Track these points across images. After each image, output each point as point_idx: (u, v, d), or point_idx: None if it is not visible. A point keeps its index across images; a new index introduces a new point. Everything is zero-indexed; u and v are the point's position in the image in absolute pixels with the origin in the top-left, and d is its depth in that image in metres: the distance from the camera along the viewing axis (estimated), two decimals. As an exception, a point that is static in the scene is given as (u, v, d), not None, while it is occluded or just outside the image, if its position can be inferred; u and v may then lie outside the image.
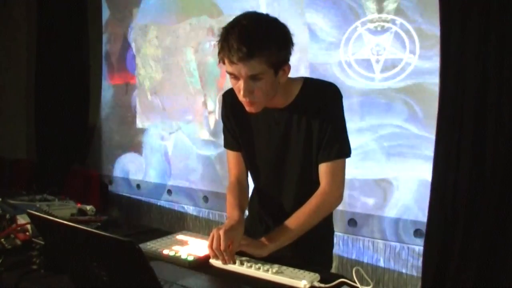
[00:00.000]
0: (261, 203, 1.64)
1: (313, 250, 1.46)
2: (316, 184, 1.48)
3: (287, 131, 1.44)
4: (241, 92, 1.29)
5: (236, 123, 1.52)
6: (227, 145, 1.58)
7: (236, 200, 1.48)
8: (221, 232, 1.27)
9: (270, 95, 1.33)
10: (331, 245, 1.64)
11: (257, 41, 1.22)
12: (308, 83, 1.45)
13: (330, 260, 1.64)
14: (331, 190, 1.43)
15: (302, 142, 1.43)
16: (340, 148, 1.42)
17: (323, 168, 1.43)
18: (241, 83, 1.28)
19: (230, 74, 1.29)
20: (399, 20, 2.47)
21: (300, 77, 1.48)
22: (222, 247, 1.26)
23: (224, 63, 1.28)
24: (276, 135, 1.46)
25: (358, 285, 1.16)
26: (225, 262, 1.27)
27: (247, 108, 1.35)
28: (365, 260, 2.62)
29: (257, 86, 1.28)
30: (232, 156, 1.58)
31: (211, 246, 1.28)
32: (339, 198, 1.47)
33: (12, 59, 4.34)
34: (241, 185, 1.56)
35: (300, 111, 1.42)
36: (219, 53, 1.27)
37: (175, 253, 1.37)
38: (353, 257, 2.66)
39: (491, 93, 2.08)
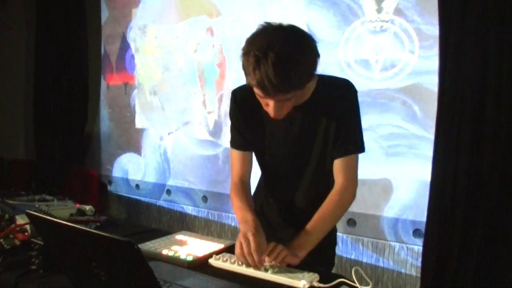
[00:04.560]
0: (268, 200, 1.63)
1: (317, 248, 1.46)
2: (330, 181, 1.48)
3: (303, 128, 1.44)
4: (270, 110, 1.29)
5: (246, 121, 1.50)
6: (234, 144, 1.55)
7: (245, 202, 1.47)
8: (250, 236, 1.26)
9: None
10: (334, 242, 1.64)
11: (295, 79, 1.18)
12: (322, 80, 1.44)
13: (332, 258, 1.64)
14: (347, 186, 1.45)
15: (318, 139, 1.44)
16: (355, 144, 1.44)
17: (338, 164, 1.44)
18: (270, 102, 1.27)
19: (258, 93, 1.26)
20: (398, 20, 2.47)
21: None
22: (253, 250, 1.24)
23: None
24: (291, 133, 1.45)
25: (357, 285, 1.16)
26: (257, 267, 1.25)
27: (274, 118, 1.32)
28: (364, 260, 2.62)
29: (287, 103, 1.29)
30: (237, 155, 1.55)
31: (242, 253, 1.26)
32: (354, 193, 1.48)
33: (10, 59, 4.33)
34: (246, 186, 1.55)
35: (316, 108, 1.41)
36: (246, 75, 1.22)
37: (174, 253, 1.37)
38: (352, 257, 2.66)
39: (490, 93, 2.08)
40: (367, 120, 2.56)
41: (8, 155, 4.23)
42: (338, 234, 2.66)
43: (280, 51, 1.16)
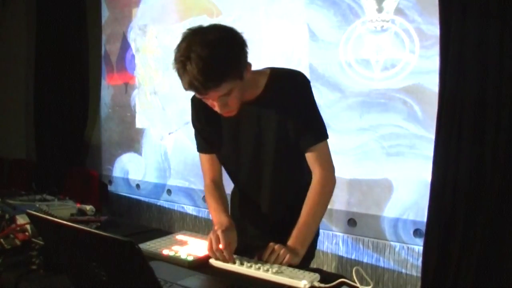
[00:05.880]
0: (241, 200, 1.66)
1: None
2: (294, 174, 1.50)
3: (259, 122, 1.46)
4: (217, 108, 1.33)
5: (207, 124, 1.54)
6: (200, 149, 1.60)
7: (218, 204, 1.51)
8: (219, 233, 1.32)
9: (242, 95, 1.37)
10: (315, 237, 1.63)
11: (219, 70, 1.23)
12: (275, 73, 1.47)
13: (313, 249, 1.64)
14: (326, 174, 1.47)
15: (275, 132, 1.45)
16: (320, 132, 1.47)
17: (312, 155, 1.46)
18: (214, 101, 1.32)
19: (197, 96, 1.33)
20: (398, 19, 2.47)
21: (266, 67, 1.49)
22: (222, 246, 1.29)
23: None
24: (248, 128, 1.47)
25: (358, 285, 1.16)
26: (227, 261, 1.29)
27: (226, 115, 1.38)
28: (365, 260, 2.62)
29: (230, 98, 1.31)
30: (205, 159, 1.59)
31: (211, 248, 1.32)
32: (334, 179, 1.50)
33: (11, 59, 4.34)
34: (218, 186, 1.58)
35: (270, 101, 1.43)
36: (181, 81, 1.27)
37: (175, 253, 1.37)
38: (353, 257, 2.66)
39: (490, 92, 2.08)
40: (367, 120, 2.59)
41: (9, 155, 4.23)
42: (339, 234, 2.70)
43: (200, 50, 1.21)
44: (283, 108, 1.43)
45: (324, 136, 1.47)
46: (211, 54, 1.21)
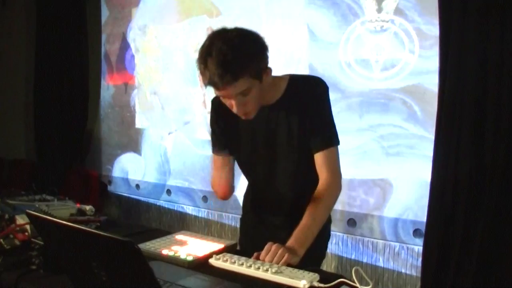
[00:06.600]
0: (256, 199, 1.67)
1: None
2: (311, 175, 1.50)
3: (277, 127, 1.48)
4: (234, 108, 1.35)
5: (226, 127, 1.56)
6: (216, 151, 1.61)
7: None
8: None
9: (260, 99, 1.39)
10: (326, 235, 1.65)
11: (237, 65, 1.26)
12: (294, 79, 1.50)
13: (324, 249, 1.65)
14: (332, 179, 1.47)
15: (293, 135, 1.47)
16: (332, 136, 1.48)
17: (320, 158, 1.47)
18: (232, 101, 1.34)
19: (219, 95, 1.35)
20: (398, 20, 2.47)
21: (285, 74, 1.52)
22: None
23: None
24: (266, 132, 1.49)
25: (357, 285, 1.16)
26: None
27: (243, 117, 1.40)
28: (365, 260, 2.62)
29: (248, 98, 1.34)
30: (219, 161, 1.61)
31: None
32: (340, 185, 1.51)
33: (11, 59, 4.34)
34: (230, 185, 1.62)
35: (289, 106, 1.46)
36: (202, 78, 1.31)
37: (174, 253, 1.37)
38: (353, 257, 2.66)
39: (490, 93, 2.08)
40: (367, 120, 2.59)
41: (9, 155, 4.23)
42: (339, 234, 2.70)
43: (221, 46, 1.26)
44: (301, 112, 1.45)
45: (335, 141, 1.48)
46: (231, 50, 1.25)
